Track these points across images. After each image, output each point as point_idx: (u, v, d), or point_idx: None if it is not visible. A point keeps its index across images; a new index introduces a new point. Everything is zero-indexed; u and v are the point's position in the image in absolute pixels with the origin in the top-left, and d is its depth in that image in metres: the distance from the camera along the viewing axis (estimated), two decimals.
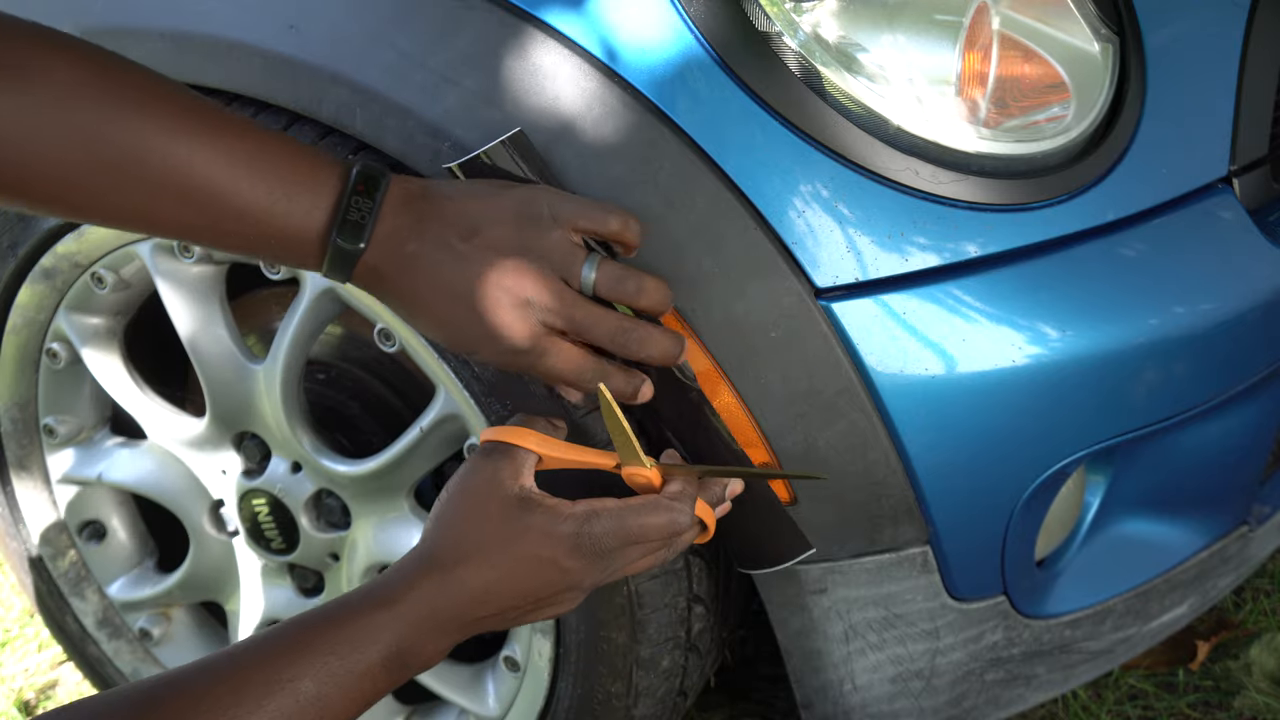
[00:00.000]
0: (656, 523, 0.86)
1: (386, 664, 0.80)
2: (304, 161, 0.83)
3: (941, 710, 1.11)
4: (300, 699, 0.75)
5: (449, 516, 0.86)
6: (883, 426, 0.94)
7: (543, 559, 0.84)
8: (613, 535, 0.85)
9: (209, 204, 0.81)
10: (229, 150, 0.81)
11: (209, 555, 1.33)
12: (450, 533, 0.85)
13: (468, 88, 0.94)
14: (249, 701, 0.74)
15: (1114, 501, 1.12)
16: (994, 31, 0.95)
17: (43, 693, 1.68)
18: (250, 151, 0.82)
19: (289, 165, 0.83)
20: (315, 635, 0.78)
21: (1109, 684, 1.50)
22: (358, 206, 0.83)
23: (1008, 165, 0.96)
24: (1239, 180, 1.04)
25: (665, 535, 0.87)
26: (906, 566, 1.01)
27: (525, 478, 0.87)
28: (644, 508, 0.86)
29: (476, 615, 0.84)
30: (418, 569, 0.83)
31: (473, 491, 0.86)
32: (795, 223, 0.92)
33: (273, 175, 0.82)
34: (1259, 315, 1.03)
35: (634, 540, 0.86)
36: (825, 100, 0.93)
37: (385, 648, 0.80)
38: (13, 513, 1.42)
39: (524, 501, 0.85)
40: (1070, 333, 0.95)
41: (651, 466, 0.88)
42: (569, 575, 0.85)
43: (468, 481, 0.87)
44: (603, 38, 0.93)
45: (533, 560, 0.84)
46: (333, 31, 0.98)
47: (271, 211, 0.82)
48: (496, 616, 0.85)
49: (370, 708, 0.81)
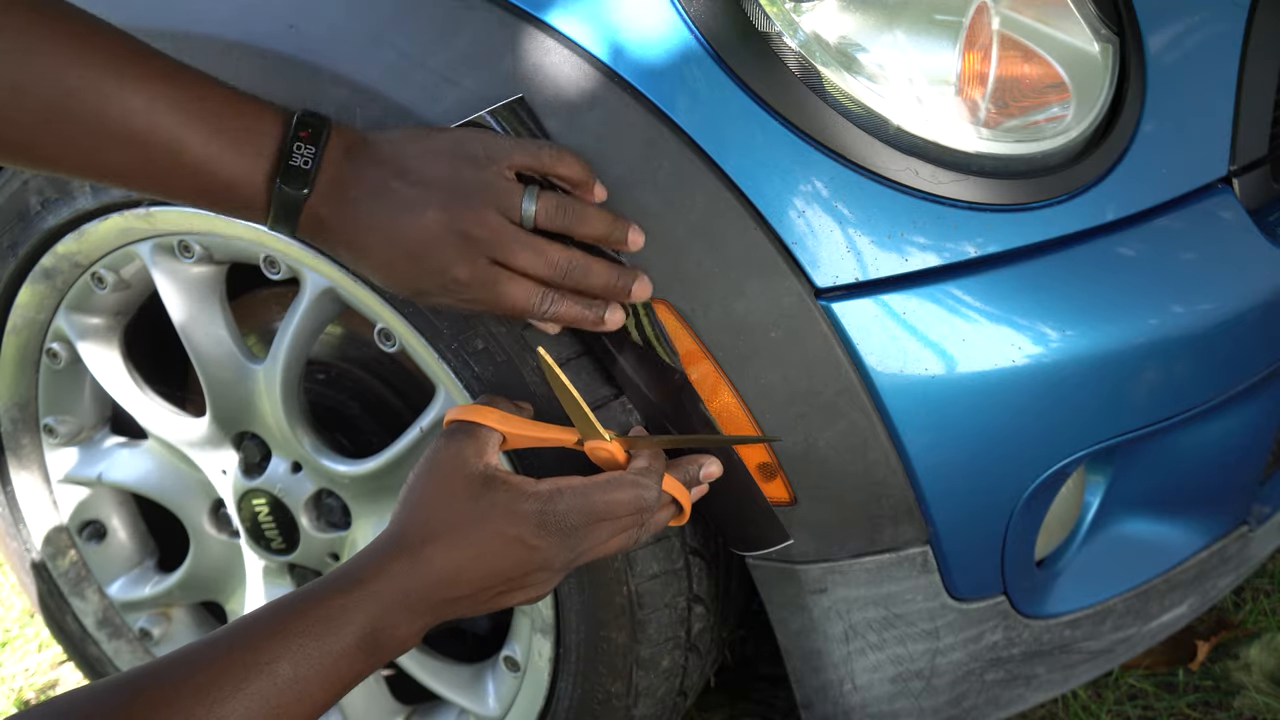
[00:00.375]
0: (622, 498, 0.86)
1: (361, 645, 0.80)
2: (246, 109, 0.83)
3: (941, 710, 1.11)
4: (278, 681, 0.76)
5: (415, 497, 0.86)
6: (883, 426, 0.94)
7: (509, 537, 0.84)
8: (577, 512, 0.85)
9: (150, 151, 0.81)
10: (170, 97, 0.81)
11: (209, 555, 1.33)
12: (417, 513, 0.85)
13: (468, 88, 0.94)
14: (228, 685, 0.74)
15: (1114, 501, 1.12)
16: (994, 31, 0.95)
17: (43, 692, 1.68)
18: (192, 99, 0.82)
19: (232, 112, 0.83)
20: (291, 617, 0.79)
21: (1109, 684, 1.50)
22: (300, 153, 0.83)
23: (1008, 165, 0.96)
24: (1239, 180, 1.04)
25: (632, 511, 0.87)
26: (906, 566, 1.01)
27: (490, 455, 0.87)
28: (609, 484, 0.86)
29: (448, 596, 0.84)
30: (386, 550, 0.84)
31: (438, 471, 0.86)
32: (795, 222, 0.92)
33: (215, 123, 0.82)
34: (1259, 315, 1.03)
35: (600, 517, 0.86)
36: (825, 100, 0.93)
37: (359, 629, 0.80)
38: (13, 513, 1.42)
39: (488, 480, 0.85)
40: (1070, 333, 0.95)
41: (612, 439, 0.89)
42: (537, 553, 0.85)
43: (433, 461, 0.87)
44: (603, 37, 0.93)
45: (499, 538, 0.84)
46: (333, 31, 0.98)
47: (216, 159, 0.82)
48: (469, 599, 0.85)
49: (349, 690, 0.81)
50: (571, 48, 0.93)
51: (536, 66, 0.93)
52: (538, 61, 0.93)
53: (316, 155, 0.83)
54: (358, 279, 1.03)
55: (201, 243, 1.14)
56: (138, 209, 1.13)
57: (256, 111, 0.84)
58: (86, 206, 1.15)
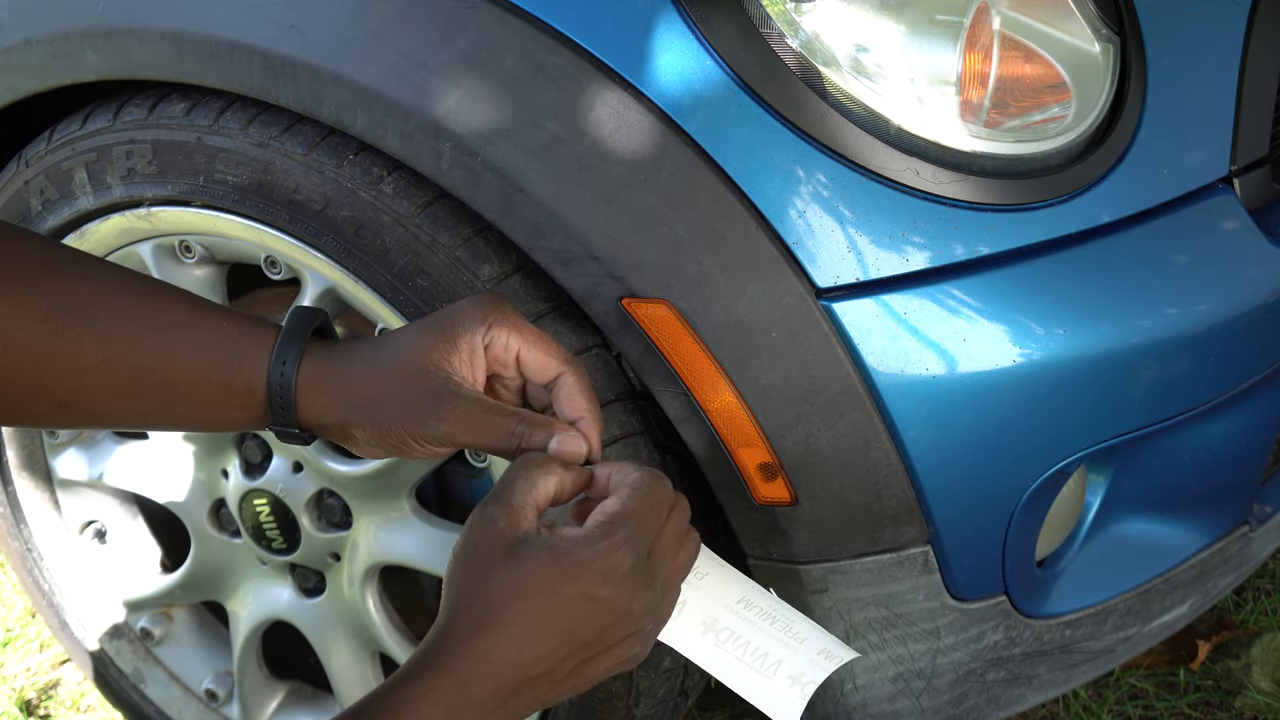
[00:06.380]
0: (662, 494, 0.79)
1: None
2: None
3: (942, 710, 1.11)
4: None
5: (457, 582, 0.77)
6: (884, 426, 0.94)
7: (568, 596, 0.75)
8: (636, 536, 0.76)
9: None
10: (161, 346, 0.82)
11: (210, 555, 1.33)
12: (460, 603, 0.76)
13: (469, 88, 0.94)
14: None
15: (1115, 501, 1.12)
16: (995, 31, 0.95)
17: (44, 692, 1.69)
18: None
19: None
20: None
21: (1110, 684, 1.50)
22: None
23: (1008, 165, 0.96)
24: (1239, 180, 1.04)
25: (669, 503, 0.80)
26: (907, 566, 1.01)
27: (526, 519, 0.77)
28: (646, 483, 0.79)
29: (518, 682, 0.75)
30: (434, 645, 0.75)
31: (470, 550, 0.77)
32: (796, 223, 0.92)
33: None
34: (1259, 315, 1.03)
35: (654, 528, 0.78)
36: (826, 100, 0.93)
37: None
38: (14, 513, 1.42)
39: (527, 543, 0.76)
40: (1070, 333, 0.95)
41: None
42: (608, 605, 0.75)
43: (464, 541, 0.78)
44: (604, 38, 0.93)
45: (557, 602, 0.75)
46: (334, 31, 0.98)
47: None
48: (546, 678, 0.76)
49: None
50: (573, 48, 0.93)
51: (538, 67, 0.93)
52: (539, 62, 0.93)
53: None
54: (358, 279, 1.04)
55: (203, 243, 1.14)
56: (139, 209, 1.13)
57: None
58: (87, 207, 1.15)
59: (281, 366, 0.82)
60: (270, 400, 0.83)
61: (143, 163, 1.10)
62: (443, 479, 1.29)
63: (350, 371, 0.83)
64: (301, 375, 0.83)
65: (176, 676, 1.45)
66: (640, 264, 0.93)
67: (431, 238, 1.01)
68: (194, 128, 1.07)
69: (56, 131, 1.16)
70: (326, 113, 0.99)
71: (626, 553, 0.76)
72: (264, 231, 1.06)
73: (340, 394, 0.83)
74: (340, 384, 0.83)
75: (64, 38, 1.09)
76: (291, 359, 0.83)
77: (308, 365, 0.83)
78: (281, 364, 0.82)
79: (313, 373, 0.83)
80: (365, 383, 0.83)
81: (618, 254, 0.93)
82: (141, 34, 1.05)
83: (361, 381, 0.83)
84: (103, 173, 1.13)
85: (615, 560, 0.75)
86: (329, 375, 0.83)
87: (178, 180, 1.09)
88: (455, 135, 0.94)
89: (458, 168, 0.96)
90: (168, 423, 0.87)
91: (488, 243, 1.01)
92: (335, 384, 0.83)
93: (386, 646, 1.26)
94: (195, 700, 1.45)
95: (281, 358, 0.82)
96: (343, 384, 0.83)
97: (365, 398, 0.82)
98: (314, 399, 0.83)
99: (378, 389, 0.82)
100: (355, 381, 0.83)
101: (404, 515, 1.18)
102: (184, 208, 1.10)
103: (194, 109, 1.07)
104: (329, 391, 0.83)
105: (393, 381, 0.82)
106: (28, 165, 1.18)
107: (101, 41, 1.07)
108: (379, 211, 1.01)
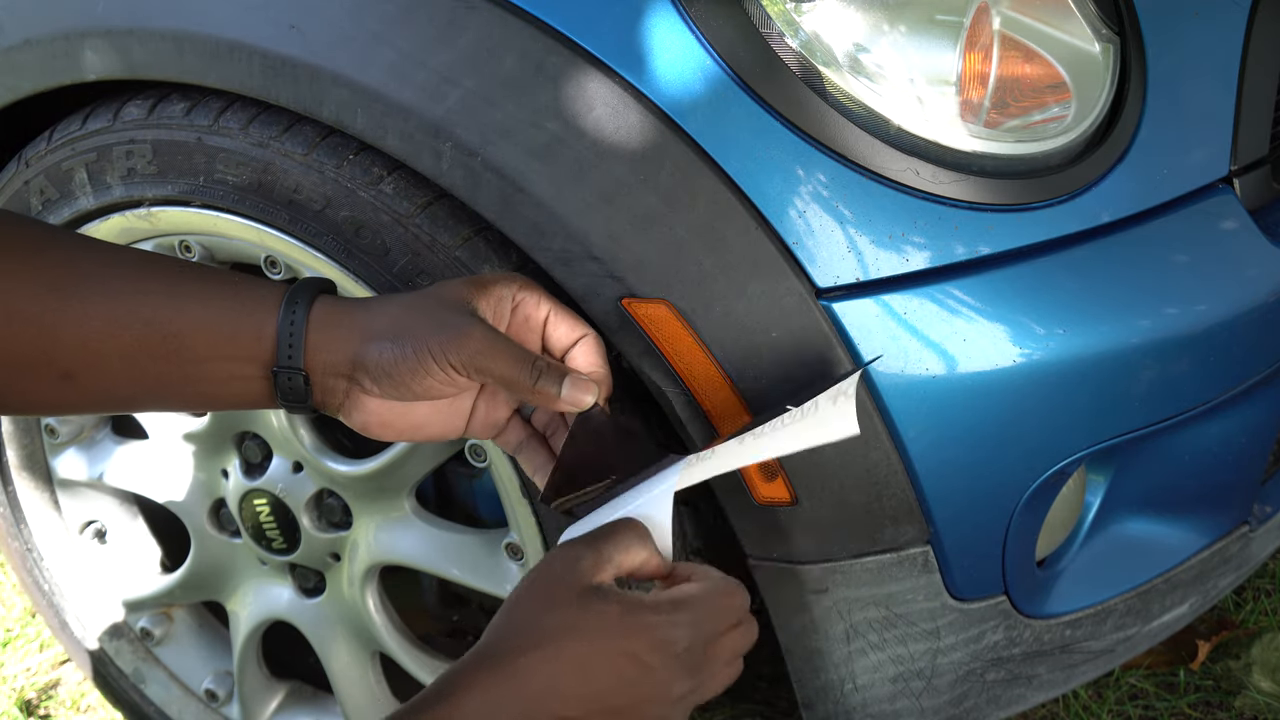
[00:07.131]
0: (737, 603, 0.80)
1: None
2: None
3: (942, 710, 1.11)
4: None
5: (513, 605, 0.77)
6: (884, 426, 0.94)
7: (619, 651, 0.74)
8: (703, 623, 0.77)
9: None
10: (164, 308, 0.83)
11: (210, 555, 1.33)
12: (512, 622, 0.76)
13: (469, 88, 0.94)
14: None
15: (1115, 501, 1.12)
16: (995, 31, 0.95)
17: (44, 692, 1.69)
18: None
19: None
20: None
21: (1110, 683, 1.50)
22: None
23: (1008, 165, 0.96)
24: (1239, 180, 1.04)
25: (740, 616, 0.80)
26: (907, 566, 1.01)
27: (605, 573, 0.77)
28: (723, 587, 0.79)
29: (545, 716, 0.74)
30: (472, 662, 0.75)
31: (544, 579, 0.77)
32: (796, 223, 0.92)
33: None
34: (1259, 315, 1.03)
35: (719, 630, 0.78)
36: (826, 100, 0.93)
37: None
38: (14, 513, 1.42)
39: (601, 591, 0.76)
40: (1070, 333, 0.95)
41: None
42: (651, 676, 0.75)
43: (541, 569, 0.78)
44: (604, 38, 0.93)
45: (608, 653, 0.74)
46: (334, 31, 0.98)
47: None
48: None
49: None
50: (573, 48, 0.93)
51: (538, 67, 0.93)
52: (539, 62, 0.93)
53: None
54: (358, 279, 1.04)
55: (202, 243, 1.14)
56: (139, 209, 1.13)
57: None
58: (87, 207, 1.15)
59: (293, 309, 0.83)
60: (279, 341, 0.83)
61: (143, 163, 1.10)
62: (442, 479, 1.29)
63: (368, 309, 0.85)
64: (314, 315, 0.84)
65: (176, 676, 1.45)
66: (640, 264, 0.93)
67: (431, 238, 1.01)
68: (194, 128, 1.07)
69: (56, 131, 1.16)
70: (326, 113, 0.99)
71: (687, 632, 0.76)
72: (264, 231, 1.06)
73: (355, 326, 0.84)
74: (356, 318, 0.84)
75: (64, 38, 1.09)
76: (303, 302, 0.84)
77: (320, 308, 0.84)
78: (293, 308, 0.83)
79: (325, 313, 0.84)
80: (385, 315, 0.84)
81: (618, 254, 0.93)
82: (141, 34, 1.05)
83: (381, 314, 0.84)
84: (103, 173, 1.13)
85: (675, 635, 0.75)
86: (344, 312, 0.85)
87: (178, 180, 1.09)
88: (455, 135, 0.94)
89: (458, 168, 0.96)
90: (171, 391, 0.86)
91: (488, 243, 1.01)
92: (350, 319, 0.84)
93: (386, 646, 1.26)
94: (195, 700, 1.45)
95: (293, 302, 0.84)
96: (359, 319, 0.84)
97: (384, 327, 0.83)
98: (326, 335, 0.83)
99: (400, 318, 0.83)
100: (374, 315, 0.84)
101: (404, 515, 1.18)
102: (184, 208, 1.10)
103: (194, 109, 1.08)
104: (344, 326, 0.84)
105: (418, 310, 0.83)
106: (28, 165, 1.18)
107: (101, 41, 1.07)
108: (379, 211, 1.01)
